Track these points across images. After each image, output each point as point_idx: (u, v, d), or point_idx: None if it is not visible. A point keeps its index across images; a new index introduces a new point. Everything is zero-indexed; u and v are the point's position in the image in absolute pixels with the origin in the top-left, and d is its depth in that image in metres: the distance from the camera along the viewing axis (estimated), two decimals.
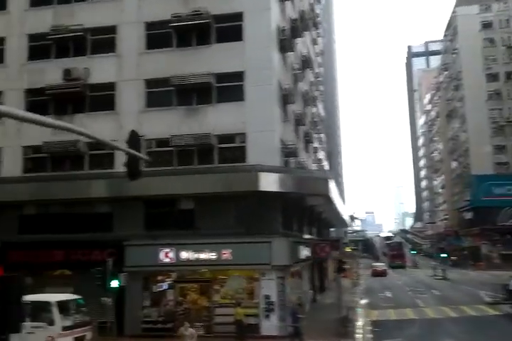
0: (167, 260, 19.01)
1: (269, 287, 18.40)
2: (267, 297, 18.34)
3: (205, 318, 19.02)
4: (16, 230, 20.74)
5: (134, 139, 13.13)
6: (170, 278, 19.91)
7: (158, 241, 19.11)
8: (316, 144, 35.99)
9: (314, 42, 38.71)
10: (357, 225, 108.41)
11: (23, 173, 21.12)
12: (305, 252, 22.41)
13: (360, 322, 21.64)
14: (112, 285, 17.17)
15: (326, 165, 46.78)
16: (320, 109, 42.18)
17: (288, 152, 21.45)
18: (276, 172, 18.82)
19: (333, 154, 67.21)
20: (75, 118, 20.78)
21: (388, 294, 34.38)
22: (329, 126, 59.09)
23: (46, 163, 21.12)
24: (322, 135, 43.53)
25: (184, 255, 18.93)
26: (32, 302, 13.09)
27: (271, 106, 19.72)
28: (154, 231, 19.68)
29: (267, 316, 18.26)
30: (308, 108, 31.71)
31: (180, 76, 19.78)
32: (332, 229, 51.79)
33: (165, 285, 20.04)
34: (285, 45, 21.91)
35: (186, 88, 20.01)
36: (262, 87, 19.54)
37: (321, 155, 42.09)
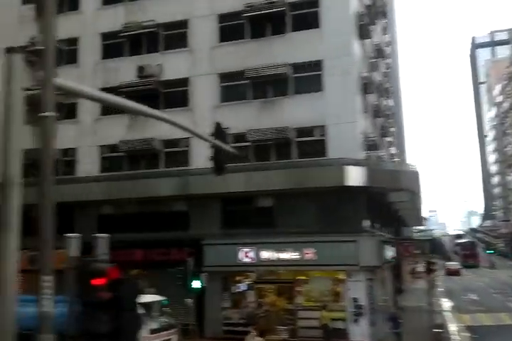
0: (247, 260, 18.25)
1: (357, 289, 17.18)
2: (355, 300, 17.12)
3: (288, 321, 18.09)
4: (95, 230, 20.67)
5: (219, 132, 12.43)
6: (249, 279, 19.16)
7: (237, 240, 18.38)
8: (389, 138, 34.19)
9: (384, 31, 36.89)
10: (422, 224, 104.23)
11: (100, 172, 21.07)
12: (390, 252, 20.94)
13: (453, 328, 19.96)
14: (193, 286, 16.61)
15: (398, 161, 44.60)
16: (391, 101, 40.21)
17: (369, 145, 20.11)
18: (362, 166, 17.56)
19: (401, 149, 64.52)
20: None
21: (473, 296, 32.07)
22: (396, 121, 56.69)
23: (122, 161, 20.96)
24: (393, 129, 41.49)
25: (265, 255, 18.09)
26: None
27: (352, 96, 18.49)
28: (232, 230, 18.98)
29: (356, 320, 17.04)
30: (382, 100, 30.05)
31: (255, 68, 18.97)
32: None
33: (243, 286, 19.30)
34: (363, 32, 20.58)
35: (262, 80, 19.17)
36: (342, 75, 18.34)
37: (393, 150, 40.10)
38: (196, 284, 16.64)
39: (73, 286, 5.65)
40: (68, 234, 7.24)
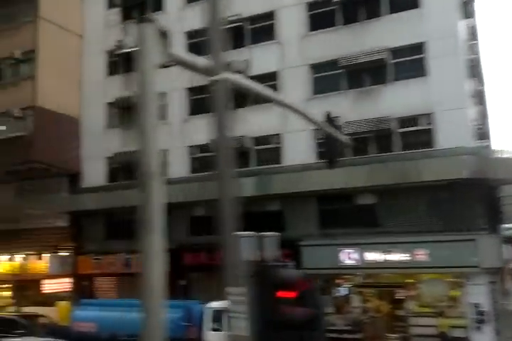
0: (350, 261, 16.99)
1: (477, 293, 15.40)
2: (477, 305, 15.35)
3: (399, 329, 16.61)
4: (187, 231, 20.34)
5: (330, 121, 11.41)
6: (351, 282, 17.88)
7: (338, 241, 17.18)
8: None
9: (471, 14, 34.19)
10: None
11: (190, 173, 20.67)
12: (508, 252, 18.83)
13: None
14: None
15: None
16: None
17: (481, 133, 18.21)
18: (478, 156, 15.78)
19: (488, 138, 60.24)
20: (238, 113, 19.79)
21: None
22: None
23: (213, 161, 20.37)
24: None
25: (370, 256, 16.74)
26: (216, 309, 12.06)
27: (460, 79, 16.75)
28: (330, 230, 17.81)
29: (479, 328, 15.26)
30: (479, 86, 27.64)
31: (349, 56, 17.74)
32: None
33: (343, 290, 18.06)
34: (467, 10, 18.75)
35: (357, 68, 17.89)
36: (448, 58, 16.66)
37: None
38: None
39: (251, 299, 4.76)
40: (239, 233, 6.41)
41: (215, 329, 13.21)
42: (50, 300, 22.54)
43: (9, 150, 20.93)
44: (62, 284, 22.28)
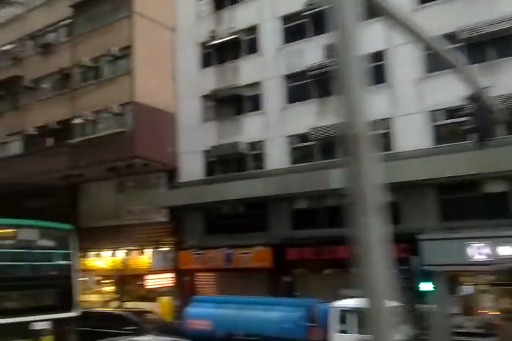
0: (480, 257, 15.17)
1: None
2: None
3: None
4: (290, 225, 19.39)
5: (478, 93, 9.91)
6: (478, 280, 16.05)
7: (464, 234, 15.41)
8: None
9: None
10: None
11: (291, 164, 19.67)
12: None
13: None
14: (422, 289, 14.12)
15: None
16: None
17: None
18: None
19: None
20: (333, 99, 18.54)
21: None
22: None
23: (314, 151, 19.30)
24: None
25: (505, 251, 14.85)
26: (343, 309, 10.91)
27: None
28: (453, 222, 16.07)
29: None
30: None
31: (469, 28, 15.89)
32: None
33: (468, 289, 16.25)
34: None
35: (479, 41, 16.01)
36: None
37: None
38: (426, 286, 14.10)
39: None
40: None
41: (342, 331, 12.08)
42: (151, 295, 22.58)
43: (109, 147, 21.07)
44: (164, 279, 22.20)
